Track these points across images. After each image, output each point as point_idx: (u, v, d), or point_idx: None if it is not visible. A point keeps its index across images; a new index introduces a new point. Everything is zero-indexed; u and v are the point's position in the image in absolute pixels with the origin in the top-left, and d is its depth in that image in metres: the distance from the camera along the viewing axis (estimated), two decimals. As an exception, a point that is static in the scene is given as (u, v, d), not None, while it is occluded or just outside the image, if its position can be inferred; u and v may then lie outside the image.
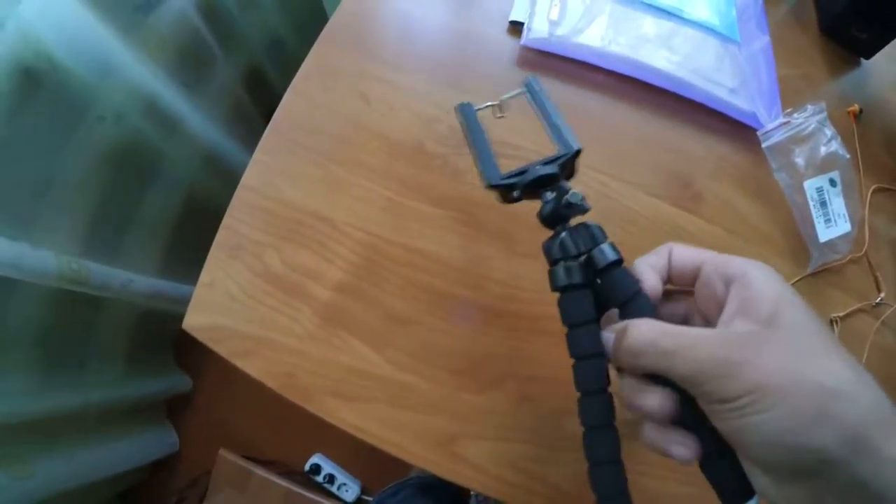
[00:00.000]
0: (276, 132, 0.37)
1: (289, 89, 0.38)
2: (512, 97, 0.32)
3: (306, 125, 0.37)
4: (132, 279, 0.69)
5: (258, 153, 0.36)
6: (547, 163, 0.27)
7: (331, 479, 0.85)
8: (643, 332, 0.20)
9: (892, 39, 0.53)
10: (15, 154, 0.54)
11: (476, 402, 0.34)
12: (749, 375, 0.18)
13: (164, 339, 0.87)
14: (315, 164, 0.36)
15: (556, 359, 0.36)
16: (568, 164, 0.27)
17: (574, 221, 0.25)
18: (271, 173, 0.36)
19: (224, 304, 0.34)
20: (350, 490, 0.86)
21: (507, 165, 0.28)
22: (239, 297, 0.34)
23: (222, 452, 0.81)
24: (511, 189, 0.27)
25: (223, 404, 0.91)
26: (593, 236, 0.24)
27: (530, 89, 0.31)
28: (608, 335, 0.22)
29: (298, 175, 0.36)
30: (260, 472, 0.81)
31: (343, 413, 0.33)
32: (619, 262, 0.23)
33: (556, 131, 0.28)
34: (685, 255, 0.24)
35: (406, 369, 0.34)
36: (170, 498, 0.85)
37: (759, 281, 0.20)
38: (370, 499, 0.89)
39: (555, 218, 0.25)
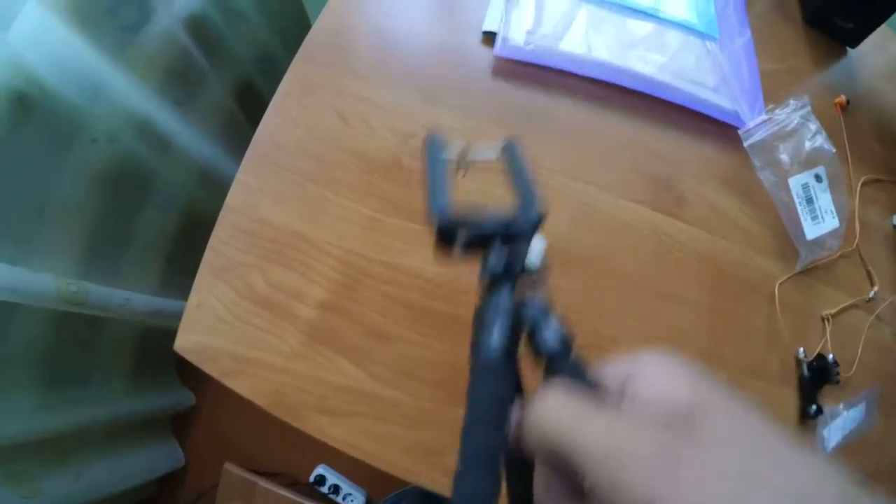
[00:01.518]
0: (256, 153, 0.37)
1: (268, 109, 0.38)
2: (485, 155, 0.27)
3: (286, 145, 0.38)
4: (131, 298, 0.70)
5: (240, 174, 0.37)
6: (505, 216, 0.22)
7: (336, 489, 0.86)
8: (551, 411, 0.16)
9: (878, 27, 0.52)
10: (10, 178, 0.55)
11: (460, 414, 0.34)
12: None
13: (166, 354, 0.88)
14: (295, 184, 0.37)
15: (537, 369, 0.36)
16: (528, 230, 0.22)
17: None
18: (253, 194, 0.37)
19: (212, 325, 0.35)
20: (355, 500, 0.86)
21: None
22: (226, 317, 0.35)
23: (228, 466, 0.82)
24: (455, 233, 0.21)
25: (227, 418, 0.92)
26: (540, 314, 0.19)
27: (506, 151, 0.27)
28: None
29: (280, 195, 0.37)
30: (265, 484, 0.82)
31: (331, 429, 0.34)
32: (567, 353, 0.19)
33: (520, 187, 0.24)
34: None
35: (390, 384, 0.34)
36: (178, 511, 0.86)
37: (652, 377, 0.16)
38: (376, 506, 0.89)
39: (500, 277, 0.20)
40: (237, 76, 0.81)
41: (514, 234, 0.21)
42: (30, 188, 0.58)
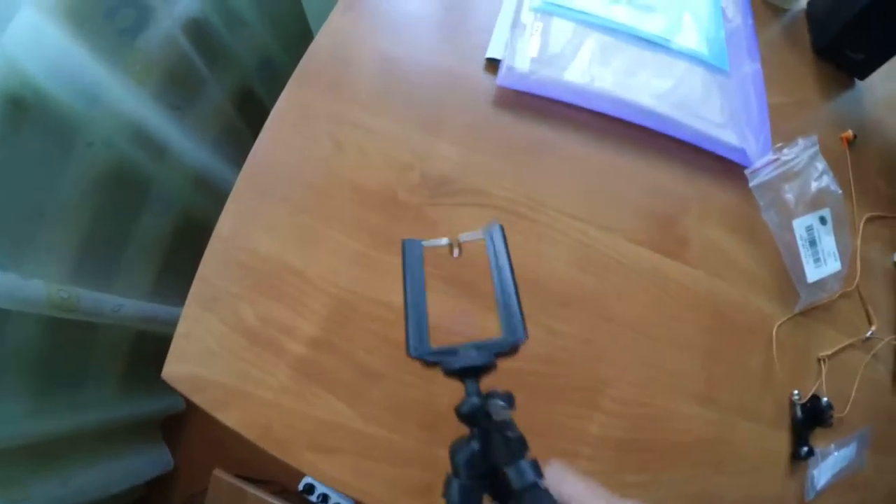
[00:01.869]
0: (247, 181, 0.36)
1: (261, 134, 0.37)
2: (469, 241, 0.28)
3: (278, 173, 0.37)
4: (123, 304, 0.69)
5: (230, 203, 0.36)
6: (481, 347, 0.24)
7: (324, 499, 0.86)
8: None
9: (888, 59, 0.51)
10: (3, 182, 0.54)
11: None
12: None
13: (158, 359, 0.88)
14: (287, 214, 0.36)
15: (529, 412, 0.35)
16: (507, 353, 0.24)
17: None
18: (244, 223, 0.36)
19: (201, 356, 0.34)
20: (344, 508, 0.87)
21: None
22: (215, 349, 0.34)
23: (216, 472, 0.82)
24: (435, 366, 0.25)
25: (217, 424, 0.91)
26: (512, 451, 0.21)
27: (492, 238, 0.28)
28: None
29: (271, 226, 0.36)
30: (254, 491, 0.81)
31: (318, 465, 0.33)
32: (537, 483, 0.20)
33: (504, 308, 0.26)
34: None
35: (379, 423, 0.34)
36: (167, 515, 0.86)
37: None
38: (365, 515, 0.89)
39: (473, 419, 0.22)
40: (237, 82, 0.80)
41: (488, 369, 0.23)
42: (23, 192, 0.57)
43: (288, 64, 0.89)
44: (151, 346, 0.82)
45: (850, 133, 0.50)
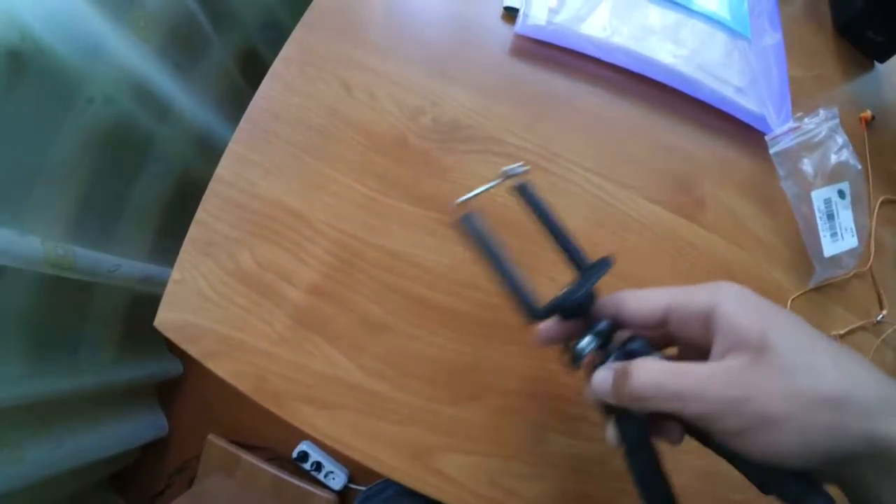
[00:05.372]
0: (251, 122, 0.35)
1: (267, 76, 0.36)
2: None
3: (283, 115, 0.35)
4: (121, 264, 0.68)
5: (233, 144, 0.34)
6: (580, 285, 0.24)
7: (318, 466, 0.85)
8: (649, 373, 0.20)
9: (911, 43, 0.50)
10: (1, 138, 0.53)
11: (453, 413, 0.33)
12: (754, 409, 0.18)
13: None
14: (291, 156, 0.35)
15: (539, 372, 0.34)
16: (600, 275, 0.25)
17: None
18: (246, 166, 0.34)
19: (195, 303, 0.33)
20: (337, 478, 0.86)
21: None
22: (210, 295, 0.33)
23: (211, 437, 0.82)
24: (549, 315, 0.25)
25: (213, 389, 0.90)
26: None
27: (523, 192, 0.27)
28: (605, 374, 0.22)
29: (274, 168, 0.34)
30: (248, 457, 0.81)
31: (314, 420, 0.32)
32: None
33: (570, 248, 0.27)
34: (644, 304, 0.23)
35: (380, 377, 0.32)
36: (160, 481, 0.86)
37: (734, 312, 0.20)
38: (358, 487, 0.89)
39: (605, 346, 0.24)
40: (242, 42, 0.78)
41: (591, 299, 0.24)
42: (21, 148, 0.56)
43: (293, 26, 0.87)
44: (149, 309, 0.81)
45: (868, 113, 0.49)
